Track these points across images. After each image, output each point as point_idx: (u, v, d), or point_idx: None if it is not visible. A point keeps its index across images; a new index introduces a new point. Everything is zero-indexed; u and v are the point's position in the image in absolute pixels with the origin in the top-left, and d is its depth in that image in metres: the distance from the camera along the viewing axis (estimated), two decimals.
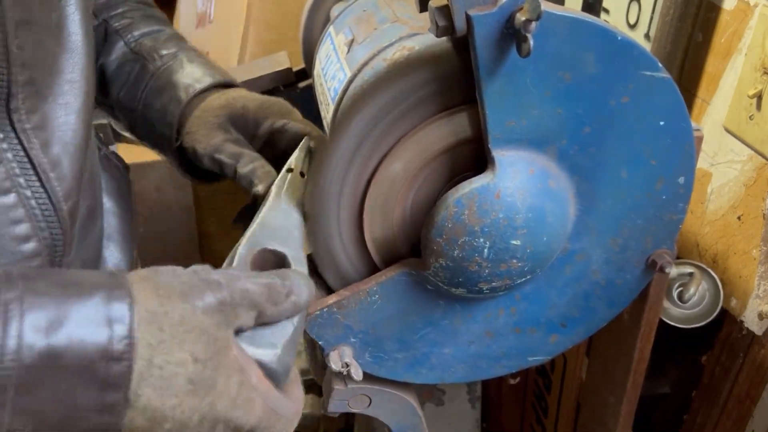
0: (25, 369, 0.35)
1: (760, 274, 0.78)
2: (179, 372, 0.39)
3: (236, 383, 0.41)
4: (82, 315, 0.37)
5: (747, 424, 0.84)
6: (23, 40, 0.48)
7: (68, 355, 0.36)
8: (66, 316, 0.36)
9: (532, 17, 0.41)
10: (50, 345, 0.35)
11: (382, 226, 0.54)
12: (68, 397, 0.36)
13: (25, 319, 0.35)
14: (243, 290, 0.42)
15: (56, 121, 0.51)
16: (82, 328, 0.36)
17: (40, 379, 0.35)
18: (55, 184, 0.51)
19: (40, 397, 0.36)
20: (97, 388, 0.37)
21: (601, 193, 0.54)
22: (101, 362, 0.36)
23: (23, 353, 0.35)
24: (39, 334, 0.35)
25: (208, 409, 0.40)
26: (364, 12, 0.70)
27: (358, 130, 0.50)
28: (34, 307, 0.36)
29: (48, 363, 0.35)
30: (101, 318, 0.37)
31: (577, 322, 0.62)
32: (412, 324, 0.58)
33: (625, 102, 0.50)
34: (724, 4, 0.78)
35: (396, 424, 0.65)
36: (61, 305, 0.36)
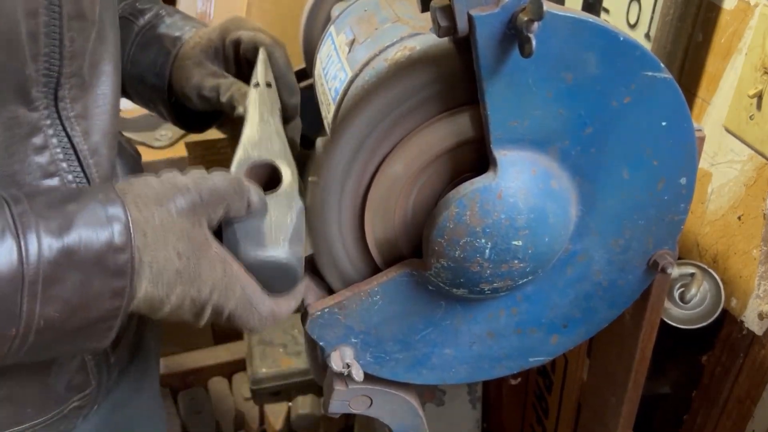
0: (48, 265, 0.41)
1: (760, 274, 0.78)
2: (168, 267, 0.45)
3: (220, 272, 0.47)
4: (86, 218, 0.43)
5: (747, 424, 0.84)
6: (74, 33, 0.51)
7: (81, 250, 0.42)
8: (72, 220, 0.43)
9: (535, 17, 0.41)
10: (65, 244, 0.42)
11: (383, 227, 0.54)
12: (86, 284, 0.43)
13: (40, 226, 0.42)
14: (210, 188, 0.47)
15: (95, 110, 0.56)
16: (88, 227, 0.43)
17: (61, 272, 0.42)
18: (94, 170, 0.55)
19: (63, 287, 0.42)
20: (109, 275, 0.43)
21: (602, 194, 0.54)
22: (108, 253, 0.43)
23: (44, 252, 0.41)
24: (53, 236, 0.42)
25: (196, 294, 0.47)
26: (365, 12, 0.70)
27: (360, 131, 0.50)
28: (44, 216, 0.42)
29: (66, 259, 0.42)
30: (103, 218, 0.43)
31: (579, 322, 0.62)
32: (413, 324, 0.58)
33: (627, 102, 0.50)
34: (724, 4, 0.78)
35: (397, 425, 0.65)
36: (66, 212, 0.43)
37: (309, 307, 0.55)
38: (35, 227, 0.41)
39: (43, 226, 0.42)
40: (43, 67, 0.50)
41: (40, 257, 0.41)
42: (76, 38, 0.51)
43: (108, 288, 0.44)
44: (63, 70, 0.51)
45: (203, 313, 0.48)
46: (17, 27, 0.47)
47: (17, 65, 0.48)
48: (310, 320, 0.55)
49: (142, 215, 0.45)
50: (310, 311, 0.55)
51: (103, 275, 0.43)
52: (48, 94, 0.52)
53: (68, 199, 0.44)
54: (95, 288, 0.43)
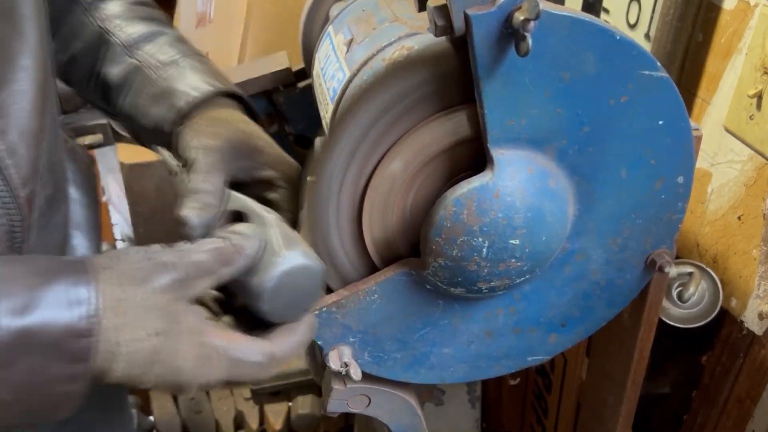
0: (3, 346, 0.39)
1: (760, 274, 0.78)
2: (143, 347, 0.43)
3: (196, 346, 0.45)
4: (50, 299, 0.41)
5: (747, 424, 0.84)
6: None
7: (40, 333, 0.40)
8: (37, 300, 0.41)
9: (531, 16, 0.41)
10: (24, 326, 0.40)
11: (381, 226, 0.54)
12: (41, 369, 0.41)
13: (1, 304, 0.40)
14: (194, 263, 0.46)
15: (11, 108, 0.52)
16: (52, 310, 0.41)
17: (15, 355, 0.40)
18: (12, 171, 0.51)
19: (16, 370, 0.40)
20: (66, 361, 0.42)
21: (600, 193, 0.54)
22: (68, 338, 0.41)
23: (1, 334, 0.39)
24: (15, 316, 0.40)
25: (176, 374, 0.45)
26: (363, 12, 0.70)
27: (357, 130, 0.50)
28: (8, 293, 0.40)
29: (22, 341, 0.40)
30: (67, 301, 0.41)
31: (577, 321, 0.62)
32: (411, 324, 0.58)
33: (624, 101, 0.50)
34: (724, 4, 0.78)
35: (395, 424, 0.65)
36: (32, 290, 0.41)
37: None
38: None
39: (5, 305, 0.40)
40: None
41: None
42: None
43: (64, 373, 0.42)
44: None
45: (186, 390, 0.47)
46: None
47: None
48: None
49: (125, 294, 0.43)
50: None
51: (59, 360, 0.41)
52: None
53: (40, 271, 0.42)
54: (51, 373, 0.42)
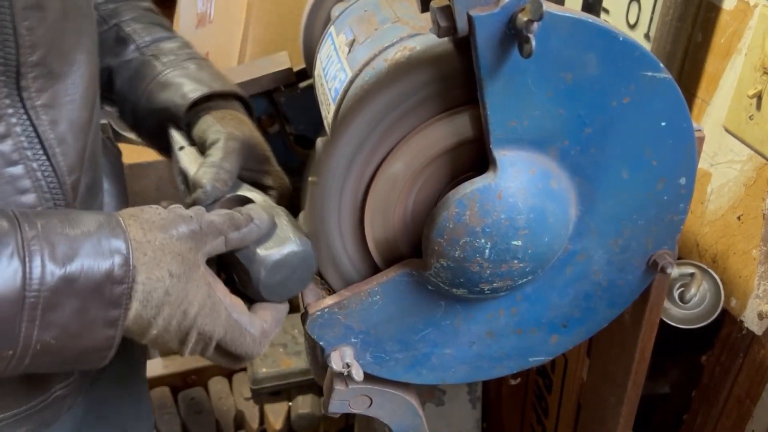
0: (49, 291, 0.44)
1: (760, 274, 0.78)
2: (158, 286, 0.48)
3: (204, 294, 0.50)
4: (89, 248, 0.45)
5: (747, 424, 0.84)
6: (33, 22, 0.51)
7: (81, 279, 0.45)
8: (77, 250, 0.45)
9: (534, 18, 0.41)
10: (67, 272, 0.44)
11: (383, 227, 0.54)
12: (83, 313, 0.45)
13: (45, 253, 0.44)
14: (209, 222, 0.51)
15: (64, 99, 0.55)
16: (90, 258, 0.45)
17: (60, 299, 0.44)
18: (60, 159, 0.55)
19: (61, 313, 0.44)
20: (105, 306, 0.46)
21: (602, 194, 0.54)
22: (107, 285, 0.45)
23: (46, 279, 0.43)
24: (57, 264, 0.44)
25: (182, 316, 0.49)
26: (365, 12, 0.70)
27: (360, 131, 0.50)
28: (51, 243, 0.44)
29: (66, 286, 0.44)
30: (105, 250, 0.46)
31: (578, 322, 0.62)
32: (413, 324, 0.58)
33: (626, 102, 0.50)
34: (724, 4, 0.78)
35: (396, 425, 0.65)
36: (72, 241, 0.45)
37: (309, 306, 0.55)
38: (40, 253, 0.44)
39: (49, 253, 0.44)
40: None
41: (42, 283, 0.43)
42: (35, 27, 0.51)
43: (103, 317, 0.46)
44: (22, 59, 0.51)
45: (188, 338, 0.50)
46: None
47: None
48: (310, 320, 0.55)
49: (146, 238, 0.48)
50: (310, 311, 0.55)
51: (99, 304, 0.45)
52: (8, 83, 0.51)
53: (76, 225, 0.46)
54: (91, 316, 0.45)
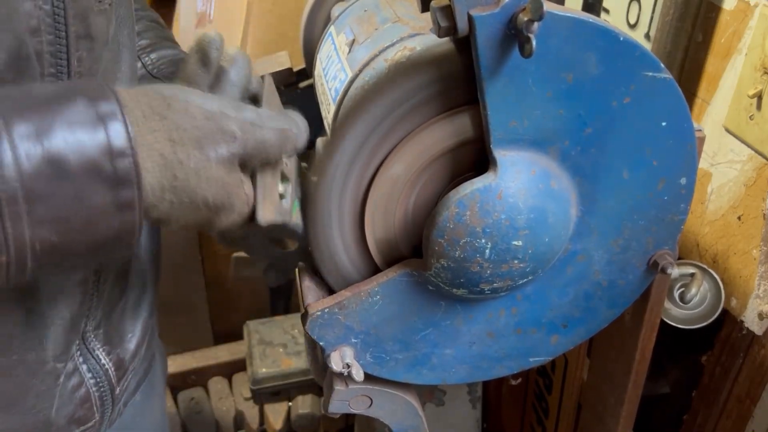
0: (30, 178, 0.34)
1: (760, 274, 0.78)
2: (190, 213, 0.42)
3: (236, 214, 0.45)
4: (70, 117, 0.36)
5: (747, 424, 0.84)
6: (83, 52, 0.48)
7: (70, 157, 0.35)
8: (54, 122, 0.35)
9: (535, 17, 0.41)
10: (48, 150, 0.35)
11: (383, 227, 0.54)
12: (82, 199, 0.36)
13: (13, 130, 0.34)
14: (260, 142, 0.43)
15: None
16: (75, 129, 0.36)
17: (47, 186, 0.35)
18: None
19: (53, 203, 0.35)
20: (108, 186, 0.37)
21: (602, 194, 0.54)
22: (105, 159, 0.36)
23: (22, 163, 0.34)
24: (32, 141, 0.34)
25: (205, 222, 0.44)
26: (365, 12, 0.70)
27: (360, 131, 0.50)
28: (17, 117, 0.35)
29: (51, 169, 0.35)
30: (91, 117, 0.36)
31: (579, 322, 0.62)
32: (413, 325, 0.58)
33: (626, 103, 0.50)
34: (724, 4, 0.78)
35: (397, 425, 0.65)
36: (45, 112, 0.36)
37: (309, 307, 0.55)
38: (6, 132, 0.34)
39: (18, 131, 0.35)
40: None
41: (17, 170, 0.34)
42: (84, 58, 0.49)
43: (111, 201, 0.37)
44: None
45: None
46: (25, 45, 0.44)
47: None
48: (310, 320, 0.55)
49: (177, 156, 0.40)
50: (310, 311, 0.55)
51: (102, 186, 0.37)
52: None
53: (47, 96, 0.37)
54: (96, 202, 0.37)
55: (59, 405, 0.58)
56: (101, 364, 0.60)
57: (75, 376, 0.58)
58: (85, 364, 0.59)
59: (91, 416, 0.61)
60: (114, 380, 0.62)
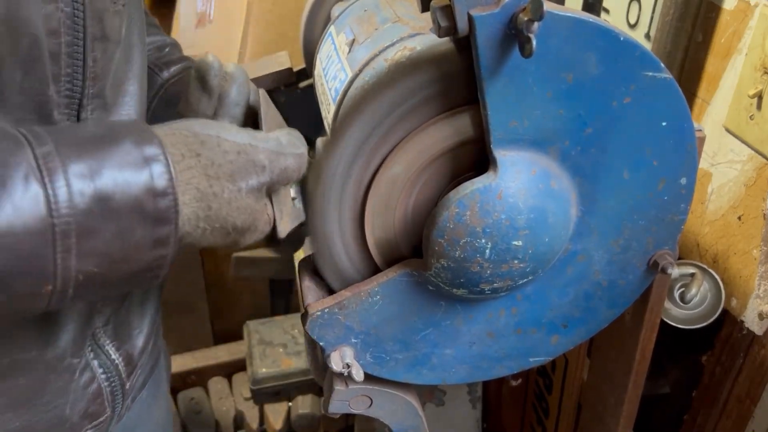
0: (82, 214, 0.37)
1: (760, 274, 0.78)
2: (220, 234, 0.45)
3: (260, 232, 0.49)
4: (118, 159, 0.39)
5: (747, 424, 0.84)
6: (98, 53, 0.49)
7: (117, 196, 0.38)
8: (104, 162, 0.38)
9: (535, 17, 0.41)
10: (98, 189, 0.38)
11: (383, 227, 0.54)
12: (125, 235, 0.39)
13: (68, 169, 0.37)
14: (283, 170, 0.48)
15: None
16: (123, 170, 0.39)
17: (96, 222, 0.38)
18: None
19: (99, 239, 0.38)
20: (150, 223, 0.40)
21: (602, 194, 0.54)
22: (148, 199, 0.40)
23: (75, 200, 0.37)
24: (85, 180, 0.38)
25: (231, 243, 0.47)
26: (365, 12, 0.70)
27: (360, 131, 0.50)
28: (72, 157, 0.38)
29: (100, 206, 0.38)
30: (137, 159, 0.39)
31: (579, 322, 0.62)
32: (413, 325, 0.58)
33: (627, 103, 0.50)
34: (724, 4, 0.78)
35: (397, 425, 0.65)
36: (96, 153, 0.39)
37: (309, 307, 0.55)
38: (63, 171, 0.37)
39: (73, 170, 0.37)
40: (65, 88, 0.48)
41: (71, 206, 0.37)
42: (99, 58, 0.50)
43: (150, 237, 0.40)
44: (86, 91, 0.50)
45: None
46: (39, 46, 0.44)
47: (38, 86, 0.46)
48: (310, 320, 0.55)
49: (212, 189, 0.43)
50: (310, 311, 0.55)
51: (143, 223, 0.40)
52: (70, 116, 0.49)
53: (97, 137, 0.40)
54: (136, 238, 0.40)
55: (73, 401, 0.58)
56: (111, 359, 0.61)
57: (87, 372, 0.59)
58: (96, 359, 0.59)
59: (102, 411, 0.62)
60: (124, 375, 0.63)
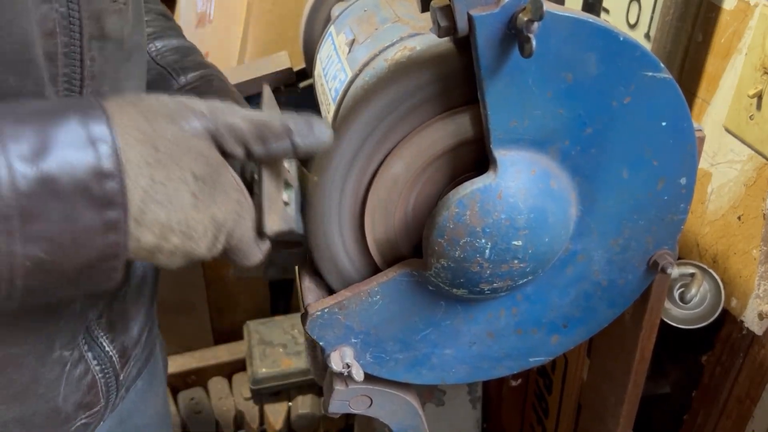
0: (25, 197, 0.36)
1: (760, 274, 0.78)
2: (182, 188, 0.41)
3: (235, 198, 0.44)
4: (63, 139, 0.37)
5: (747, 424, 0.84)
6: (95, 52, 0.49)
7: (62, 178, 0.37)
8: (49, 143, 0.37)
9: (535, 17, 0.41)
10: (42, 171, 0.37)
11: (383, 227, 0.54)
12: (71, 219, 0.38)
13: (10, 150, 0.36)
14: (228, 125, 0.43)
15: None
16: (68, 151, 0.37)
17: (40, 205, 0.37)
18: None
19: (44, 222, 0.37)
20: (96, 206, 0.38)
21: (602, 194, 0.54)
22: (94, 181, 0.38)
23: (18, 182, 0.36)
24: (27, 162, 0.36)
25: (209, 221, 0.43)
26: (365, 12, 0.70)
27: (360, 131, 0.50)
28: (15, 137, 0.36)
29: (44, 189, 0.37)
30: (83, 140, 0.38)
31: (579, 322, 0.62)
32: (413, 325, 0.58)
33: (626, 102, 0.50)
34: (724, 4, 0.78)
35: (397, 425, 0.65)
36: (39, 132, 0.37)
37: (309, 307, 0.55)
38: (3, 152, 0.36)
39: (15, 151, 0.36)
40: (64, 88, 0.48)
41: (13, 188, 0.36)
42: (97, 58, 0.49)
43: (98, 221, 0.39)
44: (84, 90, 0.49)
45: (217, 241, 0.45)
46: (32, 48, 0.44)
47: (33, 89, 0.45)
48: (310, 320, 0.55)
49: (153, 128, 0.40)
50: (310, 311, 0.55)
51: (91, 206, 0.38)
52: None
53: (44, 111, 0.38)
54: (83, 222, 0.38)
55: (67, 393, 0.58)
56: (105, 351, 0.61)
57: (81, 364, 0.59)
58: (90, 352, 0.60)
59: (97, 402, 0.62)
60: (118, 367, 0.63)
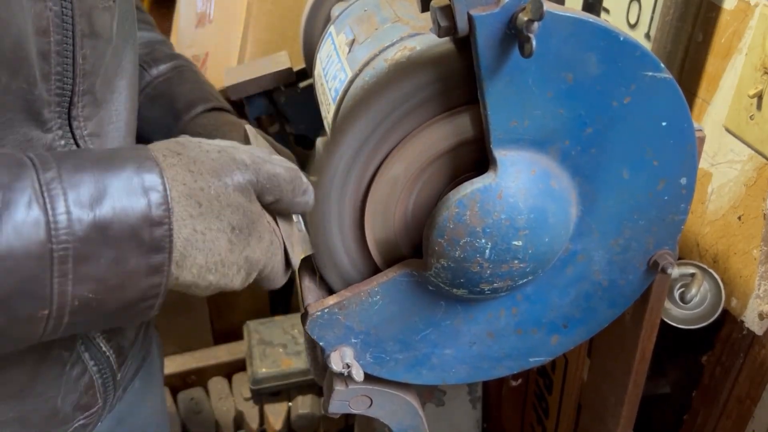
0: (80, 241, 0.39)
1: (760, 274, 0.78)
2: (220, 236, 0.44)
3: (267, 241, 0.47)
4: (118, 187, 0.40)
5: (747, 424, 0.84)
6: (87, 50, 0.50)
7: (115, 224, 0.40)
8: (104, 190, 0.40)
9: (535, 17, 0.41)
10: (97, 217, 0.39)
11: (383, 227, 0.54)
12: (121, 262, 0.40)
13: (69, 196, 0.39)
14: (271, 174, 0.46)
15: (109, 127, 0.54)
16: (122, 199, 0.40)
17: (93, 249, 0.39)
18: None
19: (96, 265, 0.40)
20: (144, 251, 0.41)
21: (602, 194, 0.54)
22: (144, 227, 0.41)
23: (74, 227, 0.39)
24: (84, 208, 0.39)
25: (243, 262, 0.46)
26: (365, 12, 0.70)
27: (360, 131, 0.50)
28: (74, 184, 0.39)
29: (98, 234, 0.39)
30: (137, 188, 0.41)
31: (579, 322, 0.62)
32: (413, 325, 0.58)
33: (627, 102, 0.50)
34: (724, 4, 0.78)
35: (397, 425, 0.65)
36: (97, 180, 0.40)
37: (309, 307, 0.55)
38: (63, 198, 0.39)
39: (73, 197, 0.39)
40: (55, 86, 0.48)
41: (70, 233, 0.38)
42: (88, 55, 0.50)
43: (144, 265, 0.41)
44: (76, 88, 0.50)
45: (249, 277, 0.48)
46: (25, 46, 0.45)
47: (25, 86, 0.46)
48: (310, 320, 0.55)
49: (198, 184, 0.43)
50: (310, 311, 0.55)
51: (138, 251, 0.41)
52: (61, 114, 0.50)
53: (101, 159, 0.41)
54: (131, 265, 0.41)
55: (65, 393, 0.59)
56: (102, 351, 0.62)
57: (78, 365, 0.59)
58: (87, 352, 0.60)
59: (94, 402, 0.62)
60: (115, 367, 0.63)
